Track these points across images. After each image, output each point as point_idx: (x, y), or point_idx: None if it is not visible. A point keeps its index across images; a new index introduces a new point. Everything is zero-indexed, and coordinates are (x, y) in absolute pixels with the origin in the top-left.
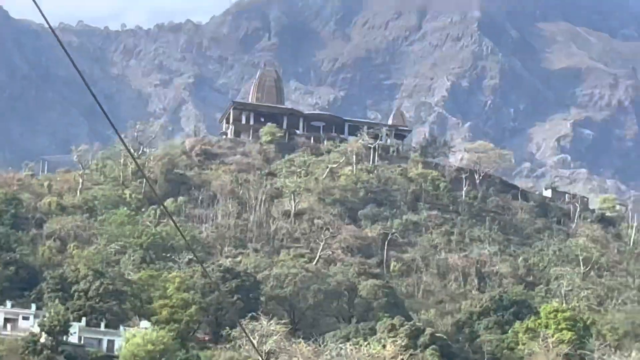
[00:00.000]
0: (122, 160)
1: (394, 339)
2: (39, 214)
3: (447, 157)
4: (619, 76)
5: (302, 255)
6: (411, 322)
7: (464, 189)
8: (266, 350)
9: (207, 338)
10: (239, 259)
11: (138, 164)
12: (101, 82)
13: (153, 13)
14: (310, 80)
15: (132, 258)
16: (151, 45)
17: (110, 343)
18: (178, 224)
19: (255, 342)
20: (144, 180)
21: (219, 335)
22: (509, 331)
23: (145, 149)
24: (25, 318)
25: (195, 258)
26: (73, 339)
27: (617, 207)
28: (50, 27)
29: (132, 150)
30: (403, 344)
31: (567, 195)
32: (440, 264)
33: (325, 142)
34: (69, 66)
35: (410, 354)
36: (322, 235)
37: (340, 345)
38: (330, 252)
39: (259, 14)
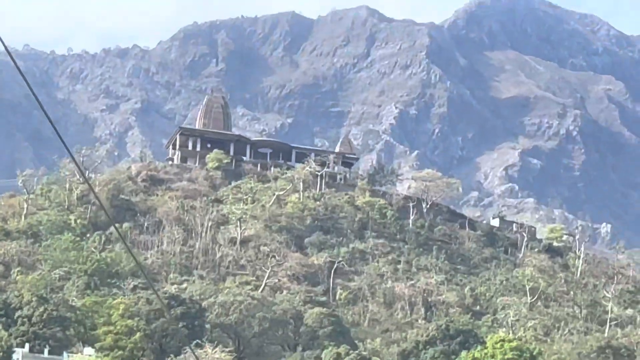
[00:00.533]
0: (67, 186)
1: None
2: None
3: (395, 186)
4: (567, 105)
5: (248, 283)
6: (357, 351)
7: (411, 217)
8: None
9: None
10: (184, 285)
11: (89, 182)
12: (47, 107)
13: (100, 37)
14: (257, 106)
15: (76, 284)
16: (98, 70)
17: None
18: (124, 250)
19: None
20: (89, 206)
21: None
22: None
23: (90, 174)
24: None
25: (145, 282)
26: None
27: (565, 237)
28: (7, 50)
29: (82, 168)
30: None
31: (514, 224)
32: (386, 293)
33: (272, 169)
34: (13, 90)
35: None
36: (268, 263)
37: None
38: (277, 280)
39: (206, 39)
